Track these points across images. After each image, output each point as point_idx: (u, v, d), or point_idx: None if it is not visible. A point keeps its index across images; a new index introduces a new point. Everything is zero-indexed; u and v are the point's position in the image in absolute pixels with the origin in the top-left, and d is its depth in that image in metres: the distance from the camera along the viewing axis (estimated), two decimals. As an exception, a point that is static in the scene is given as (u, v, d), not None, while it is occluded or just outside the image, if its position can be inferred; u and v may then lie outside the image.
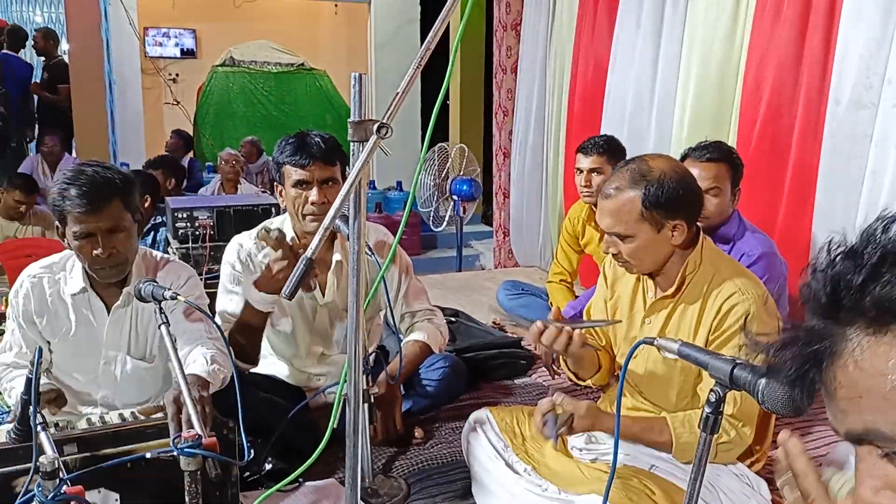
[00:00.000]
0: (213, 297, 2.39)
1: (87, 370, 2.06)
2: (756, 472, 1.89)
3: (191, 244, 3.31)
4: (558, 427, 1.68)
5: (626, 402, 1.95)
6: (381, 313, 2.61)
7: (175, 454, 1.40)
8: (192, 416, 1.50)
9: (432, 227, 5.69)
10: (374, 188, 7.62)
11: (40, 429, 1.45)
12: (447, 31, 1.38)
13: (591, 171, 3.12)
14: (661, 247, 1.77)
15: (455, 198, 5.43)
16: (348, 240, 1.54)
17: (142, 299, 1.73)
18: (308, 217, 2.22)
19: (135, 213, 1.94)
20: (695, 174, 2.45)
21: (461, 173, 5.43)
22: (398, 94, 1.36)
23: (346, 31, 9.52)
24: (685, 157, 2.51)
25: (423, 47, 1.35)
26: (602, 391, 2.15)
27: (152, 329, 2.04)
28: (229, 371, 1.87)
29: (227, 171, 5.91)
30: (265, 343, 2.36)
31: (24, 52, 7.12)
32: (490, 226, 6.11)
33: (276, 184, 2.33)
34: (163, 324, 1.64)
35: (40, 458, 1.31)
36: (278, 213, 3.20)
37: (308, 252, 1.32)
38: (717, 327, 1.75)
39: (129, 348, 2.06)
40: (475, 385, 2.84)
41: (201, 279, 2.24)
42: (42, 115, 6.99)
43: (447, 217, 5.56)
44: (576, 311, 3.11)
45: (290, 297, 1.33)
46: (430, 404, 2.55)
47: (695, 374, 1.81)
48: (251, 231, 2.39)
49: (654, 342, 1.38)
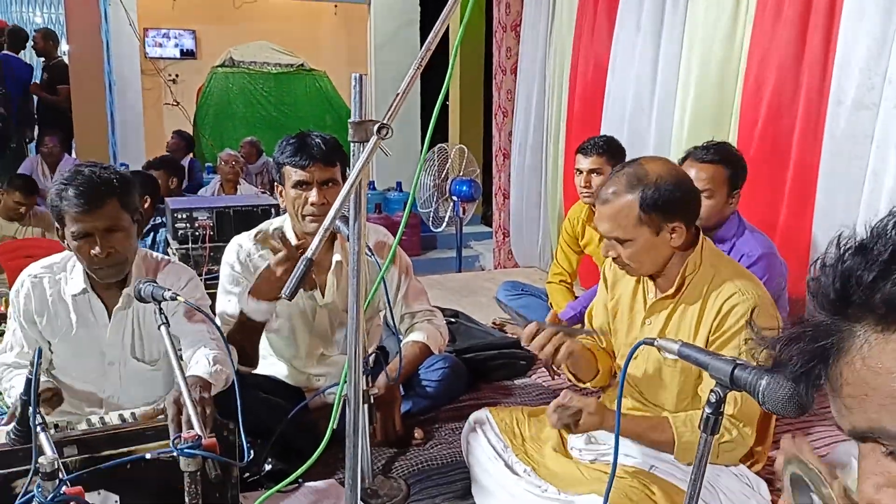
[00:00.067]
0: (213, 297, 2.40)
1: (90, 371, 2.06)
2: (756, 473, 1.89)
3: (190, 245, 3.31)
4: (566, 418, 1.69)
5: (626, 403, 1.94)
6: (381, 314, 2.61)
7: (175, 455, 1.40)
8: (192, 417, 1.50)
9: (432, 228, 5.69)
10: (374, 189, 7.63)
11: (40, 429, 1.45)
12: (447, 31, 1.38)
13: (591, 171, 3.13)
14: (661, 249, 1.77)
15: (455, 198, 5.42)
16: (348, 240, 1.54)
17: (142, 300, 1.73)
18: (308, 218, 2.22)
19: (133, 213, 1.94)
20: (692, 174, 2.45)
21: (461, 174, 5.43)
22: (398, 94, 1.36)
23: (346, 31, 9.52)
24: (687, 156, 2.51)
25: (423, 48, 1.35)
26: (602, 392, 2.15)
27: (155, 331, 2.04)
28: (231, 372, 1.86)
29: (226, 171, 5.92)
30: (265, 343, 2.36)
31: (23, 52, 7.13)
32: (490, 226, 6.10)
33: (276, 184, 2.33)
34: (162, 324, 1.64)
35: (40, 459, 1.30)
36: (278, 214, 3.19)
37: (308, 252, 1.32)
38: (718, 328, 1.75)
39: (132, 350, 2.06)
40: (475, 386, 2.84)
41: (201, 280, 2.24)
42: (42, 115, 6.99)
43: (447, 218, 5.56)
44: (575, 312, 3.11)
45: (291, 297, 1.33)
46: (430, 405, 2.55)
47: (695, 376, 1.81)
48: (250, 232, 2.39)
49: (655, 343, 1.38)
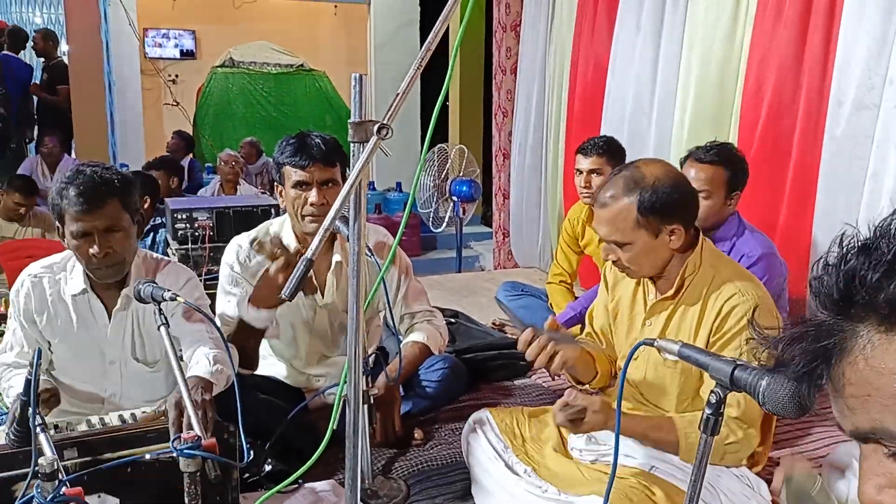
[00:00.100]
0: (212, 297, 2.39)
1: (90, 371, 2.06)
2: (756, 474, 1.89)
3: (190, 245, 3.30)
4: (572, 416, 1.68)
5: (627, 404, 1.95)
6: (381, 314, 2.61)
7: (174, 455, 1.39)
8: (192, 420, 1.50)
9: (432, 229, 5.69)
10: (374, 189, 7.63)
11: (39, 430, 1.44)
12: (447, 32, 1.38)
13: (591, 171, 3.13)
14: (660, 252, 1.77)
15: (455, 199, 5.42)
16: (348, 241, 1.54)
17: (141, 300, 1.73)
18: (307, 218, 2.22)
19: (134, 214, 1.94)
20: (691, 174, 2.46)
21: (461, 174, 5.43)
22: (398, 95, 1.36)
23: (346, 32, 9.52)
24: (689, 156, 2.51)
25: (423, 48, 1.35)
26: (602, 392, 2.15)
27: (155, 332, 2.04)
28: (232, 372, 1.86)
29: (226, 172, 5.91)
30: (264, 344, 2.35)
31: (23, 53, 7.13)
32: (490, 227, 6.10)
33: (276, 184, 2.33)
34: (162, 325, 1.64)
35: (39, 460, 1.30)
36: (278, 214, 3.19)
37: (308, 252, 1.32)
38: (718, 329, 1.75)
39: (132, 351, 2.06)
40: (475, 386, 2.83)
41: (200, 280, 2.24)
42: (41, 116, 6.99)
43: (447, 218, 5.56)
44: (575, 312, 3.11)
45: (290, 297, 1.33)
46: (430, 405, 2.55)
47: (696, 377, 1.81)
48: (250, 232, 2.39)
49: (655, 343, 1.38)
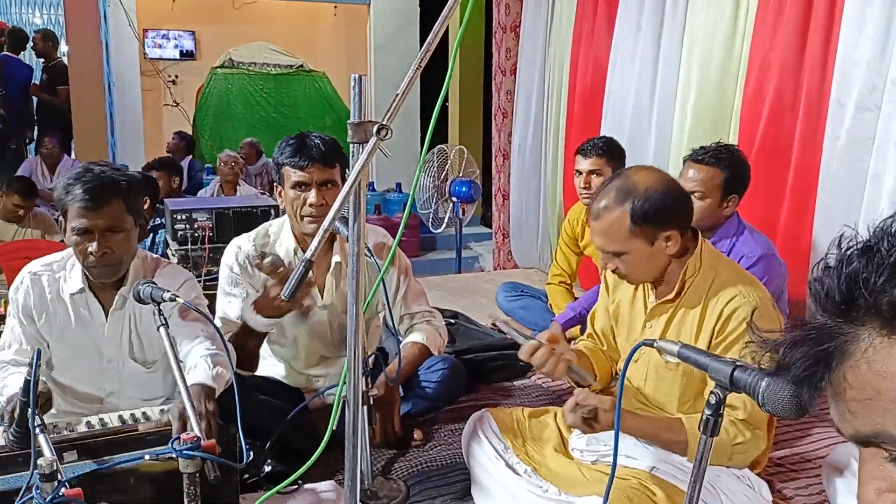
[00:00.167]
0: (212, 298, 2.39)
1: (88, 370, 2.06)
2: (756, 474, 1.89)
3: (190, 246, 3.30)
4: (584, 412, 1.69)
5: (630, 406, 1.95)
6: (381, 315, 2.60)
7: (174, 456, 1.39)
8: (192, 421, 1.50)
9: (431, 229, 5.68)
10: (374, 190, 7.63)
11: (39, 431, 1.44)
12: (446, 32, 1.38)
13: (591, 172, 3.12)
14: (657, 258, 1.78)
15: (454, 199, 5.42)
16: (347, 241, 1.54)
17: (141, 301, 1.73)
18: (306, 219, 2.22)
19: (137, 217, 1.95)
20: (689, 174, 2.47)
21: (460, 175, 5.42)
22: (398, 95, 1.36)
23: (346, 32, 9.52)
24: (690, 155, 2.52)
25: (422, 49, 1.35)
26: (603, 394, 2.15)
27: (153, 334, 2.04)
28: (230, 372, 1.86)
29: (226, 172, 5.91)
30: (264, 344, 2.35)
31: (23, 53, 7.13)
32: (489, 227, 6.10)
33: (275, 185, 2.33)
34: (162, 325, 1.63)
35: (39, 461, 1.30)
36: (277, 215, 3.19)
37: (308, 253, 1.32)
38: (720, 332, 1.75)
39: (130, 351, 2.06)
40: (474, 387, 2.83)
41: (200, 281, 2.24)
42: (41, 116, 7.00)
43: (446, 219, 5.56)
44: (575, 313, 3.11)
45: (290, 298, 1.34)
46: (430, 406, 2.55)
47: (698, 380, 1.81)
48: (250, 233, 2.39)
49: (654, 344, 1.38)
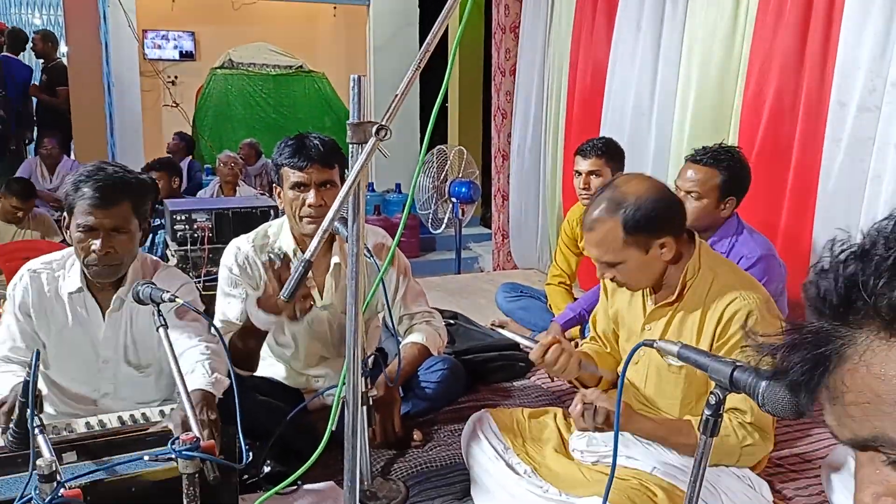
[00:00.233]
0: (211, 298, 2.39)
1: (85, 369, 2.05)
2: (757, 474, 1.89)
3: (189, 246, 3.30)
4: (597, 422, 1.69)
5: (628, 408, 1.95)
6: (380, 315, 2.60)
7: (173, 456, 1.39)
8: (191, 422, 1.50)
9: (431, 230, 5.68)
10: (373, 190, 7.62)
11: (38, 432, 1.44)
12: (446, 33, 1.37)
13: (590, 173, 3.12)
14: (653, 265, 1.79)
15: (454, 200, 5.42)
16: (347, 242, 1.54)
17: (140, 301, 1.73)
18: (305, 219, 2.22)
19: (142, 220, 1.96)
20: (686, 174, 2.47)
21: (460, 175, 5.42)
22: (397, 96, 1.36)
23: (345, 33, 9.51)
24: (689, 156, 2.53)
25: (421, 49, 1.35)
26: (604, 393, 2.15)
27: (149, 336, 2.04)
28: (226, 377, 1.86)
29: (225, 173, 5.91)
30: (263, 345, 2.35)
31: (23, 54, 7.12)
32: (489, 228, 6.10)
33: (274, 186, 2.33)
34: (161, 326, 1.63)
35: (38, 461, 1.30)
36: (277, 216, 3.19)
37: (307, 254, 1.31)
38: (721, 335, 1.75)
39: (125, 355, 2.06)
40: (474, 387, 2.83)
41: (199, 282, 2.24)
42: (41, 117, 6.99)
43: (446, 219, 5.55)
44: (574, 314, 3.11)
45: (289, 299, 1.33)
46: (429, 406, 2.55)
47: (700, 382, 1.81)
48: (249, 234, 2.39)
49: (654, 344, 1.38)
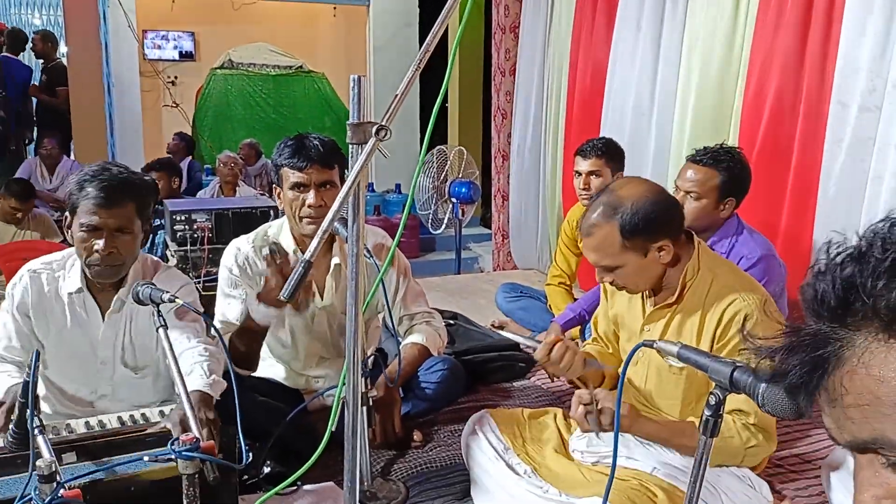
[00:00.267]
0: (211, 299, 2.39)
1: (83, 370, 2.05)
2: (757, 474, 1.89)
3: (189, 247, 3.30)
4: (604, 425, 1.70)
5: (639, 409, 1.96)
6: (380, 316, 2.60)
7: (172, 457, 1.39)
8: (190, 421, 1.50)
9: (431, 230, 5.68)
10: (373, 190, 7.62)
11: (37, 433, 1.44)
12: (446, 33, 1.37)
13: (590, 173, 3.12)
14: (652, 268, 1.79)
15: (454, 200, 5.42)
16: (347, 242, 1.53)
17: (140, 302, 1.73)
18: (305, 220, 2.22)
19: (145, 221, 1.96)
20: (686, 174, 2.47)
21: (460, 176, 5.42)
22: (397, 96, 1.36)
23: (345, 33, 9.52)
24: (690, 156, 2.53)
25: (421, 49, 1.35)
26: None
27: (147, 337, 2.04)
28: (223, 374, 1.86)
29: (225, 173, 5.91)
30: (263, 346, 2.35)
31: (23, 54, 7.12)
32: (489, 228, 6.10)
33: (274, 186, 2.33)
34: (161, 327, 1.63)
35: (37, 462, 1.30)
36: (277, 216, 3.19)
37: (307, 254, 1.31)
38: (721, 336, 1.75)
39: (122, 357, 2.05)
40: (474, 388, 2.83)
41: (199, 282, 2.24)
42: (40, 117, 6.99)
43: (446, 220, 5.55)
44: (574, 314, 3.11)
45: (289, 299, 1.33)
46: (429, 407, 2.54)
47: (702, 382, 1.81)
48: (249, 235, 2.39)
49: (654, 345, 1.38)
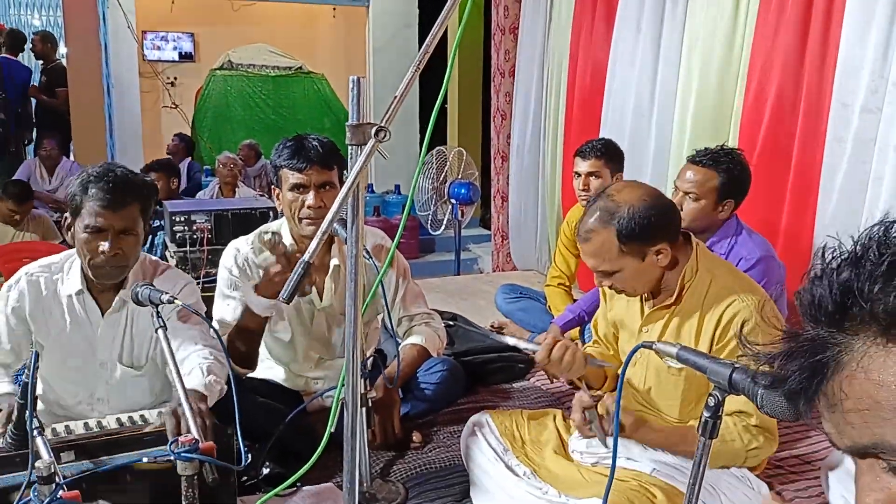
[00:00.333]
0: (210, 300, 2.39)
1: (81, 373, 2.05)
2: (756, 475, 1.89)
3: (188, 248, 3.30)
4: (606, 431, 1.72)
5: (628, 409, 1.95)
6: (380, 317, 2.60)
7: (172, 458, 1.39)
8: (191, 426, 1.50)
9: (430, 231, 5.68)
10: (373, 191, 7.62)
11: (36, 433, 1.44)
12: (445, 34, 1.37)
13: (589, 174, 3.12)
14: (650, 272, 1.80)
15: (453, 201, 5.41)
16: (346, 244, 1.53)
17: (139, 303, 1.73)
18: (304, 221, 2.21)
19: (146, 222, 1.97)
20: (686, 175, 2.47)
21: (459, 177, 5.42)
22: (396, 97, 1.36)
23: (345, 34, 9.51)
24: (690, 157, 2.54)
25: (421, 50, 1.35)
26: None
27: (147, 336, 2.03)
28: (224, 383, 1.86)
29: (224, 174, 5.90)
30: (262, 347, 2.35)
31: (22, 55, 7.12)
32: (488, 229, 6.10)
33: (273, 187, 2.33)
34: (160, 328, 1.63)
35: (36, 463, 1.30)
36: (276, 217, 3.19)
37: (306, 255, 1.31)
38: (720, 338, 1.75)
39: (120, 355, 2.05)
40: (473, 389, 2.83)
41: (198, 283, 2.24)
42: (40, 118, 6.98)
43: (445, 221, 5.55)
44: (574, 315, 3.11)
45: (288, 300, 1.33)
46: (428, 408, 2.54)
47: (699, 382, 1.81)
48: (248, 236, 2.39)
49: (653, 346, 1.38)
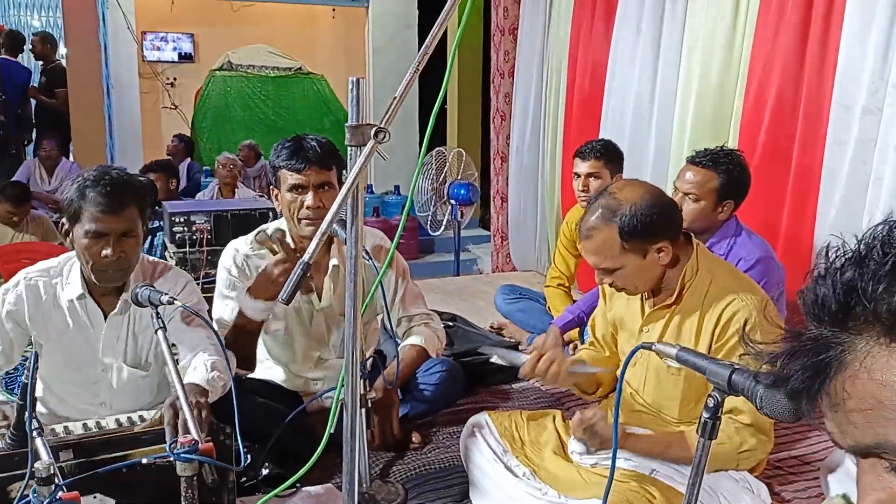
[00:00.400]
0: (209, 301, 2.39)
1: (85, 376, 2.05)
2: (755, 476, 1.89)
3: (188, 248, 3.30)
4: (593, 445, 1.83)
5: (627, 409, 1.96)
6: (379, 318, 2.60)
7: (171, 459, 1.39)
8: (188, 421, 1.50)
9: (430, 232, 5.68)
10: (372, 192, 7.62)
11: (36, 434, 1.44)
12: (445, 35, 1.37)
13: (589, 175, 3.12)
14: (651, 270, 1.80)
15: (453, 202, 5.42)
16: (345, 244, 1.53)
17: (139, 304, 1.73)
18: (303, 221, 2.21)
19: (145, 222, 1.97)
20: (685, 176, 2.48)
21: (459, 177, 5.42)
22: (396, 98, 1.36)
23: (344, 35, 9.52)
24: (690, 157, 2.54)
25: (420, 51, 1.35)
26: (605, 398, 2.15)
27: (150, 336, 2.03)
28: (229, 378, 1.86)
29: (224, 175, 5.90)
30: (261, 347, 2.35)
31: (22, 56, 7.12)
32: (488, 230, 6.10)
33: (271, 188, 2.33)
34: (160, 328, 1.63)
35: (36, 464, 1.30)
36: (275, 218, 3.19)
37: (305, 256, 1.31)
38: (720, 337, 1.75)
39: (125, 356, 2.05)
40: (472, 389, 2.83)
41: (198, 283, 2.24)
42: (40, 119, 6.98)
43: (445, 221, 5.55)
44: (573, 316, 3.11)
45: (288, 301, 1.32)
46: (428, 409, 2.54)
47: (698, 382, 1.81)
48: (247, 236, 2.39)
49: (653, 347, 1.38)
